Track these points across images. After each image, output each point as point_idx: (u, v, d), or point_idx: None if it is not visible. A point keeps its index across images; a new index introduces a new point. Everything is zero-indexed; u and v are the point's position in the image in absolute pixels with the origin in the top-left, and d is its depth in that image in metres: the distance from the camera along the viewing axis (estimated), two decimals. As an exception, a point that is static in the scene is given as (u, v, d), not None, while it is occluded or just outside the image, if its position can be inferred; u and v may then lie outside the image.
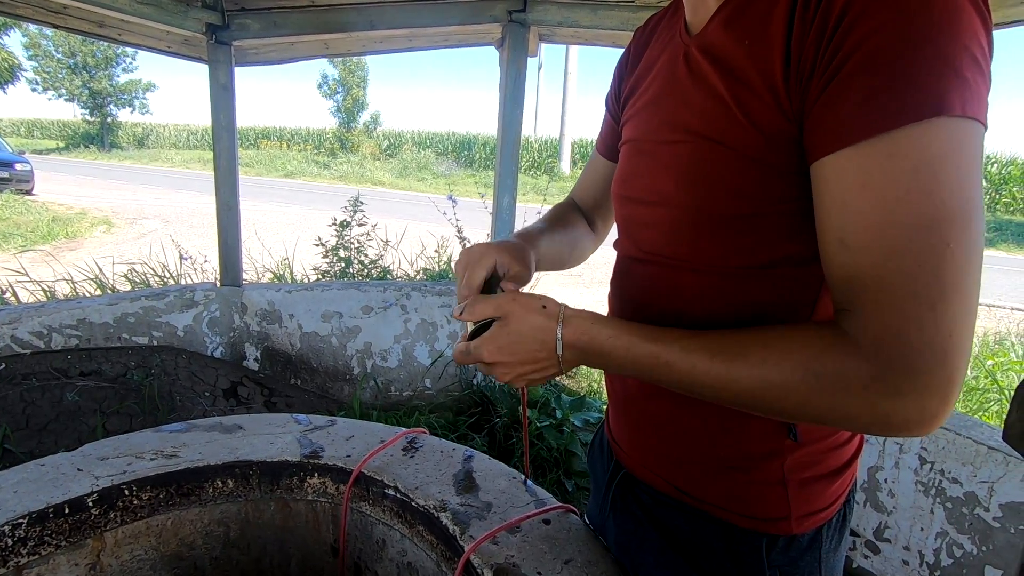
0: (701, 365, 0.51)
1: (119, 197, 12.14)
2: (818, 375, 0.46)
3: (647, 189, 0.64)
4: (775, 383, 0.47)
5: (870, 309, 0.45)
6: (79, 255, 5.80)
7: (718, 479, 0.61)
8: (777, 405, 0.48)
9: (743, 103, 0.52)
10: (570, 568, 0.83)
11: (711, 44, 0.56)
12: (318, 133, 26.41)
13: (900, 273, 0.43)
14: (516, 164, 2.70)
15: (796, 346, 0.48)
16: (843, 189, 0.45)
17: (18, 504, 0.89)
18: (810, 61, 0.47)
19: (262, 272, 3.81)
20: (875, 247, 0.44)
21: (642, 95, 0.68)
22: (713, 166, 0.55)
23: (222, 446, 1.09)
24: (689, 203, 0.57)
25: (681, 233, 0.59)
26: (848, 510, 0.65)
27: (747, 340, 0.50)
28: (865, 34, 0.43)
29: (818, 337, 0.47)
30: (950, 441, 1.58)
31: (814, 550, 0.61)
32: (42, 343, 2.09)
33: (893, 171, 0.43)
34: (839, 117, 0.45)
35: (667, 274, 0.62)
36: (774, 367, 0.47)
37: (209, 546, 1.07)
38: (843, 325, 0.47)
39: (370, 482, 1.04)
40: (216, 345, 2.52)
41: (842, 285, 0.47)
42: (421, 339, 2.80)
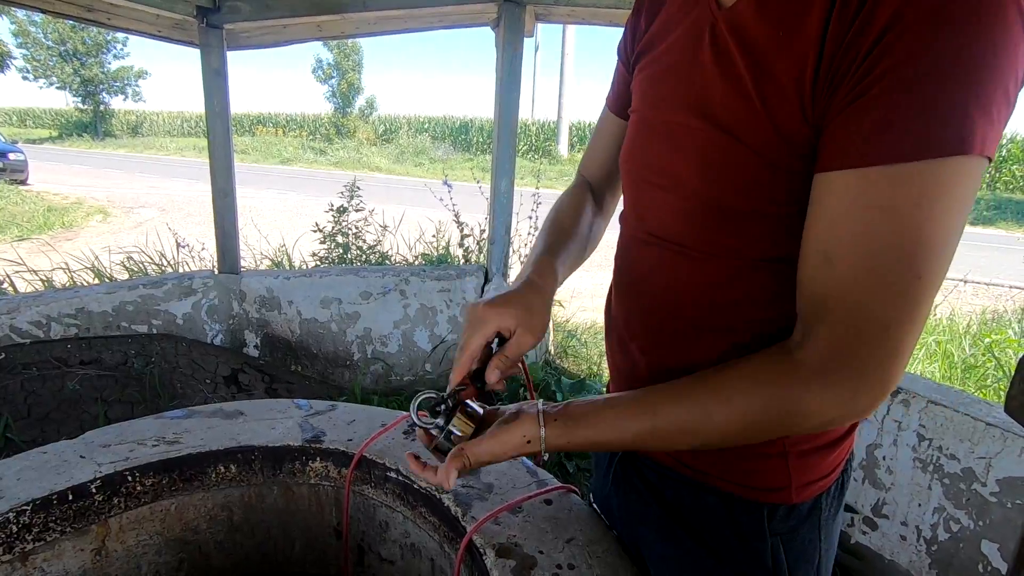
0: (671, 425, 0.55)
1: (114, 186, 12.06)
2: (782, 413, 0.51)
3: (660, 171, 0.62)
4: (744, 426, 0.52)
5: (832, 329, 0.48)
6: (76, 245, 5.78)
7: (720, 452, 0.62)
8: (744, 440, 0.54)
9: (768, 101, 0.50)
10: (572, 547, 0.84)
11: (742, 25, 0.53)
12: (313, 119, 26.19)
13: (871, 298, 0.46)
14: (514, 147, 2.68)
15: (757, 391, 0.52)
16: (842, 207, 0.46)
17: (22, 491, 0.89)
18: (842, 70, 0.45)
19: (260, 259, 3.80)
20: (857, 268, 0.46)
21: (659, 58, 0.64)
22: (728, 160, 0.54)
23: (224, 432, 1.09)
24: (701, 192, 0.57)
25: (690, 220, 0.59)
26: (846, 478, 0.66)
27: (709, 393, 0.54)
28: (905, 56, 0.41)
29: (775, 376, 0.51)
30: (948, 418, 1.59)
31: (813, 518, 0.62)
32: (41, 333, 2.09)
33: (896, 200, 0.43)
34: (857, 136, 0.44)
35: (671, 258, 0.61)
36: (739, 416, 0.52)
37: (213, 530, 1.08)
38: (799, 340, 0.51)
39: (372, 465, 1.04)
40: (216, 332, 2.52)
41: (813, 299, 0.49)
42: (421, 324, 2.80)
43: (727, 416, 0.52)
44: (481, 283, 2.83)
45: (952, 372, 2.52)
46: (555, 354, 3.40)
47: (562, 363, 3.36)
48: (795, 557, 0.62)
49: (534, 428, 0.60)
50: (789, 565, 0.62)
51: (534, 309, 0.65)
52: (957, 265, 3.29)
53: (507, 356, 0.64)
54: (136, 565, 1.01)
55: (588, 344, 3.62)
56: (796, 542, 0.62)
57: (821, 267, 0.48)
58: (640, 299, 0.66)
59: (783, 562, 0.61)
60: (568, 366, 3.34)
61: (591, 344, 3.66)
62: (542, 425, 0.59)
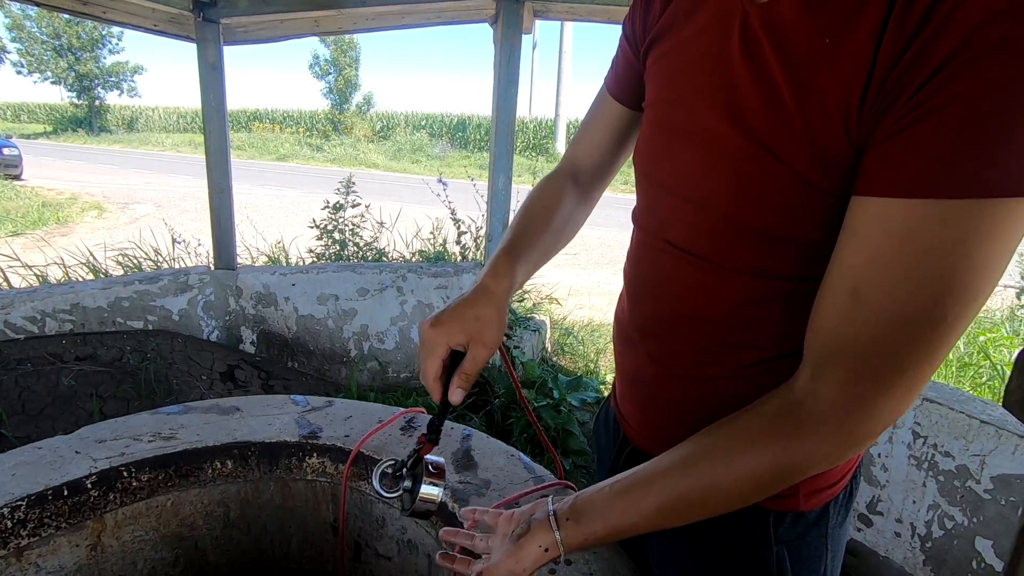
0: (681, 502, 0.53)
1: (110, 182, 12.00)
2: (792, 467, 0.49)
3: (683, 182, 0.58)
4: (754, 488, 0.51)
5: (846, 372, 0.46)
6: (71, 240, 5.75)
7: None
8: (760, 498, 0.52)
9: (807, 116, 0.46)
10: (569, 543, 0.84)
11: (781, 25, 0.48)
12: (310, 115, 26.09)
13: (893, 338, 0.44)
14: (511, 144, 2.67)
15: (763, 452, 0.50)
16: (880, 237, 0.43)
17: (16, 487, 0.89)
18: (896, 91, 0.41)
19: (256, 255, 3.79)
20: (886, 309, 0.43)
21: (679, 48, 0.58)
22: (766, 180, 0.50)
23: (220, 428, 1.09)
24: (733, 213, 0.53)
25: (717, 237, 0.56)
26: (855, 486, 0.65)
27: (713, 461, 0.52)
28: (973, 88, 0.38)
29: (780, 432, 0.50)
30: (943, 416, 1.60)
31: (821, 526, 0.61)
32: (36, 328, 2.08)
33: (939, 238, 0.41)
34: (909, 164, 0.41)
35: (692, 270, 0.59)
36: (748, 480, 0.51)
37: (210, 526, 1.07)
38: (806, 384, 0.49)
39: (369, 461, 1.04)
40: (212, 329, 2.51)
41: (830, 337, 0.47)
42: (418, 321, 2.80)
43: (735, 480, 0.51)
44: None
45: (947, 370, 2.53)
46: (552, 351, 3.40)
47: (559, 360, 3.36)
48: (800, 565, 0.61)
49: (549, 535, 0.58)
50: (794, 573, 0.61)
51: (483, 318, 0.63)
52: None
53: (465, 374, 0.63)
54: (132, 561, 1.01)
55: (585, 342, 3.62)
56: (802, 550, 0.61)
57: (846, 303, 0.45)
58: (655, 305, 0.63)
59: (788, 570, 0.61)
60: (565, 363, 3.34)
61: (588, 342, 3.66)
62: (556, 529, 0.58)
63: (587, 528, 0.57)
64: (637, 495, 0.55)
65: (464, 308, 0.63)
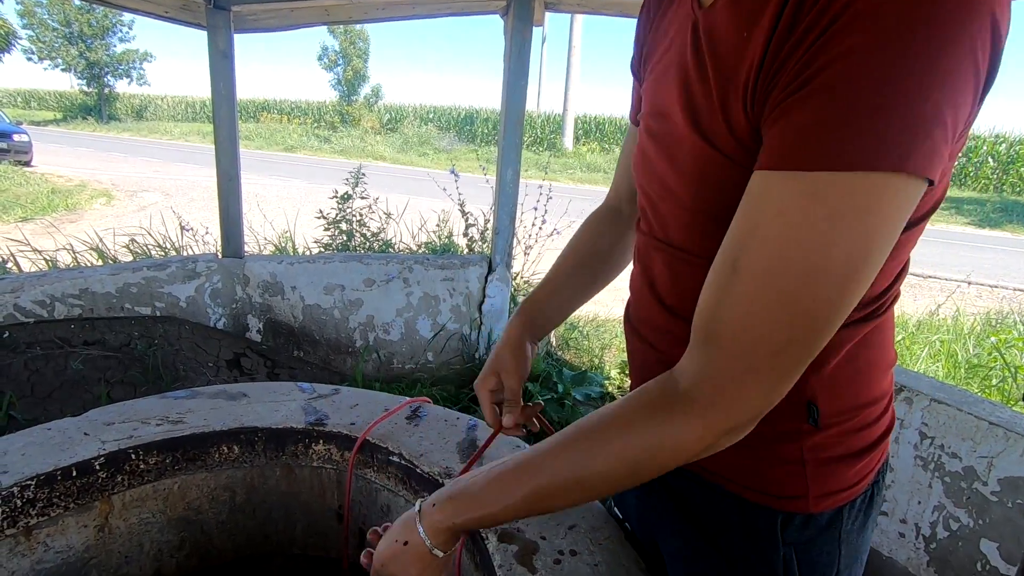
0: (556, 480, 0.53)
1: (118, 169, 12.05)
2: (661, 449, 0.49)
3: (655, 180, 0.61)
4: (627, 467, 0.50)
5: (718, 352, 0.46)
6: (79, 227, 5.78)
7: (735, 454, 0.59)
8: (635, 481, 0.52)
9: (726, 105, 0.48)
10: (574, 533, 0.84)
11: (714, 27, 0.51)
12: (318, 106, 26.09)
13: (767, 318, 0.43)
14: (520, 137, 2.66)
15: (633, 431, 0.50)
16: (759, 210, 0.43)
17: (26, 467, 0.90)
18: (783, 67, 0.42)
19: (264, 244, 3.80)
20: (759, 283, 0.43)
21: (657, 62, 0.63)
22: (707, 167, 0.52)
23: (227, 413, 1.09)
24: (695, 205, 0.55)
25: (690, 229, 0.57)
26: (876, 491, 0.63)
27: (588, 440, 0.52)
28: (841, 53, 0.38)
29: (651, 412, 0.49)
30: (952, 417, 1.59)
31: (833, 530, 0.59)
32: (45, 312, 2.09)
33: (808, 213, 0.40)
34: (780, 137, 0.42)
35: (678, 263, 0.60)
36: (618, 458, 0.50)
37: (216, 510, 1.08)
38: (684, 365, 0.49)
39: (375, 449, 1.04)
40: (219, 316, 2.52)
41: (707, 314, 0.47)
42: (423, 312, 2.80)
43: (607, 460, 0.50)
44: (484, 273, 2.83)
45: (956, 372, 2.50)
46: (557, 346, 3.40)
47: (564, 355, 3.36)
48: (809, 569, 0.59)
49: (410, 529, 0.59)
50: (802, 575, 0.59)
51: (501, 358, 0.80)
52: (960, 266, 3.32)
53: (506, 400, 0.79)
54: (138, 543, 1.01)
55: (590, 336, 3.61)
56: (812, 553, 0.59)
57: (726, 276, 0.45)
58: (651, 297, 0.65)
59: (795, 572, 0.59)
60: (570, 358, 3.34)
61: (592, 337, 3.66)
62: (418, 521, 0.58)
63: (452, 511, 0.57)
64: (511, 478, 0.55)
65: (491, 360, 0.81)
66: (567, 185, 10.66)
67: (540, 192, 3.64)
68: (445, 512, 0.57)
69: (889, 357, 0.60)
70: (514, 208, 2.73)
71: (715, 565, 0.63)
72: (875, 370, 0.58)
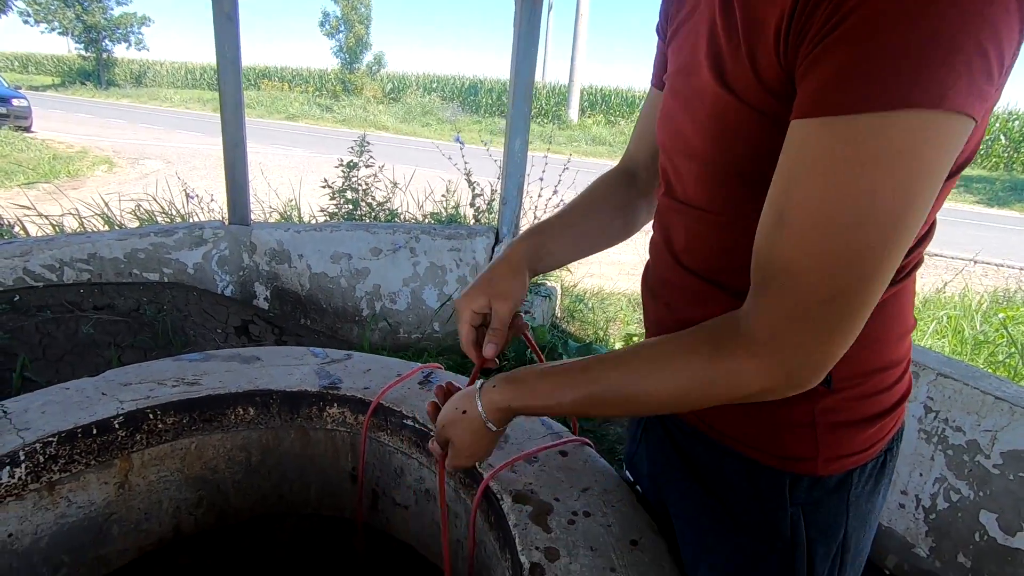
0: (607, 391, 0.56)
1: (119, 136, 11.93)
2: (712, 382, 0.50)
3: (678, 139, 0.60)
4: (675, 392, 0.53)
5: (774, 299, 0.46)
6: (82, 194, 5.75)
7: (745, 416, 0.61)
8: (680, 407, 0.55)
9: (753, 48, 0.47)
10: (587, 496, 0.86)
11: None
12: (320, 74, 25.66)
13: (816, 266, 0.43)
14: (529, 105, 2.62)
15: (689, 360, 0.52)
16: (799, 161, 0.43)
17: (46, 424, 0.91)
18: (813, 10, 0.41)
19: (269, 213, 3.78)
20: (805, 232, 0.43)
21: (684, 19, 0.62)
22: (727, 119, 0.51)
23: (241, 375, 1.10)
24: (716, 158, 0.55)
25: (709, 186, 0.57)
26: (889, 457, 0.63)
27: (646, 360, 0.55)
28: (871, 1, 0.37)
29: (711, 346, 0.51)
30: (957, 391, 1.60)
31: (841, 492, 0.60)
32: (54, 276, 2.09)
33: (848, 159, 0.40)
34: (815, 84, 0.41)
35: (696, 222, 0.60)
36: (669, 382, 0.53)
37: (232, 470, 1.10)
38: (746, 309, 0.49)
39: (388, 413, 1.06)
40: (226, 284, 2.52)
41: (762, 264, 0.47)
42: (430, 282, 2.80)
43: (658, 382, 0.53)
44: (491, 244, 2.82)
45: (962, 348, 2.51)
46: (562, 318, 3.41)
47: (568, 327, 3.37)
48: (816, 530, 0.60)
49: (469, 399, 0.65)
50: (808, 537, 0.60)
51: (496, 278, 0.72)
52: (967, 245, 3.29)
53: (492, 328, 0.72)
54: (157, 500, 1.04)
55: (595, 309, 3.62)
56: (819, 515, 0.60)
57: (773, 228, 0.45)
58: (669, 258, 0.65)
59: (802, 533, 0.60)
60: (574, 330, 3.35)
61: (598, 309, 3.66)
62: (477, 393, 0.64)
63: (511, 395, 0.62)
64: (569, 378, 0.59)
65: (481, 276, 0.74)
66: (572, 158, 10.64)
67: (546, 162, 3.60)
68: (503, 394, 0.62)
69: (907, 323, 0.60)
70: (522, 178, 2.71)
71: (722, 525, 0.64)
72: (891, 335, 0.58)
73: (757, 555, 0.62)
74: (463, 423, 0.66)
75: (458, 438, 0.67)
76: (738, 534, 0.63)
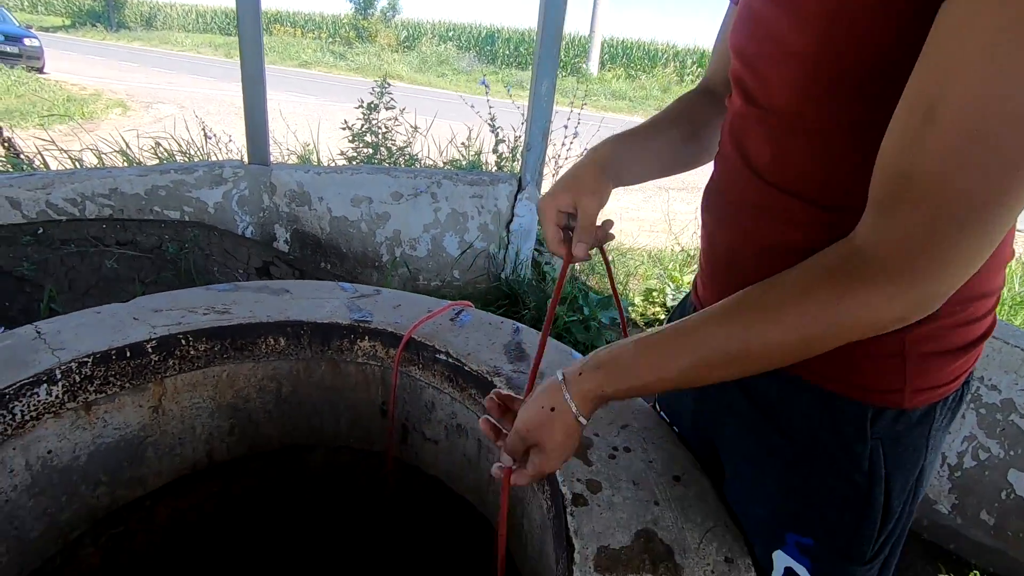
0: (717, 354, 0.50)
1: (131, 79, 11.76)
2: (842, 321, 0.45)
3: (765, 39, 0.54)
4: (800, 342, 0.47)
5: (915, 208, 0.41)
6: (97, 136, 5.71)
7: None
8: (804, 356, 0.49)
9: None
10: (627, 432, 0.84)
11: None
12: (333, 20, 24.94)
13: (970, 169, 0.38)
14: (558, 45, 2.51)
15: (811, 300, 0.46)
16: (959, 47, 0.37)
17: (80, 344, 0.90)
18: None
19: (287, 156, 3.73)
20: (963, 130, 0.38)
21: None
22: (845, 12, 0.46)
23: (271, 306, 1.09)
24: (809, 54, 0.49)
25: (801, 88, 0.51)
26: (966, 391, 0.60)
27: (757, 310, 0.49)
28: None
29: (832, 280, 0.45)
30: (996, 349, 1.56)
31: (923, 426, 0.57)
32: (76, 211, 2.08)
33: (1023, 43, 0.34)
34: None
35: (784, 133, 0.54)
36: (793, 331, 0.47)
37: (263, 400, 1.10)
38: (867, 230, 0.44)
39: (420, 347, 1.04)
40: (246, 225, 2.50)
41: (897, 171, 0.42)
42: (451, 229, 2.76)
43: (780, 333, 0.47)
44: (514, 191, 2.76)
45: (1001, 309, 2.44)
46: (581, 271, 3.37)
47: (588, 281, 3.34)
48: (896, 464, 0.57)
49: (556, 394, 0.57)
50: (887, 471, 0.57)
51: (581, 175, 0.68)
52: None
53: (581, 226, 0.67)
54: (191, 426, 1.04)
55: (615, 263, 3.58)
56: (900, 448, 0.57)
57: (918, 127, 0.40)
58: (747, 175, 0.59)
59: (881, 467, 0.57)
60: (594, 284, 3.32)
61: (618, 263, 3.62)
62: (564, 387, 0.57)
63: (603, 380, 0.55)
64: (668, 347, 0.52)
65: (564, 176, 0.70)
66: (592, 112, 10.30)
67: (572, 116, 3.48)
68: (594, 381, 0.56)
69: (1008, 252, 0.55)
70: (547, 123, 2.62)
71: (787, 460, 0.61)
72: (995, 261, 0.54)
73: (829, 491, 0.59)
74: (554, 423, 0.58)
75: (550, 440, 0.58)
76: (807, 470, 0.60)
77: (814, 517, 0.60)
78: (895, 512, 0.58)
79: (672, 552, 0.64)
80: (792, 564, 0.62)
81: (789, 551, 0.62)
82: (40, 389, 0.84)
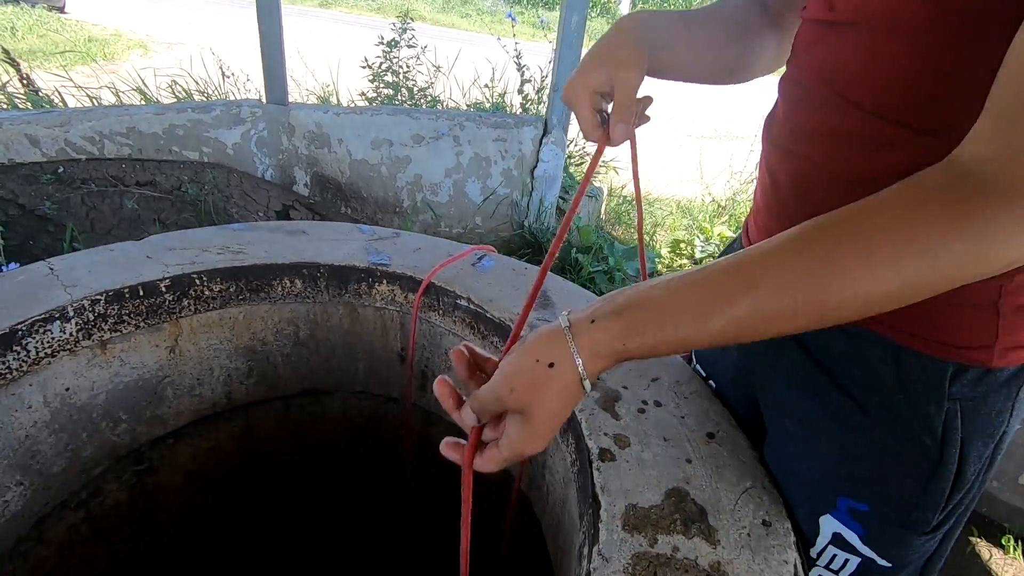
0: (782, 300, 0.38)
1: (151, 17, 11.55)
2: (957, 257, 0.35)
3: None
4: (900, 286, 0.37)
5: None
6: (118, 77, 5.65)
7: None
8: (893, 306, 0.38)
9: None
10: (657, 385, 0.79)
11: None
12: (353, -45, 23.96)
13: None
14: (590, -26, 2.33)
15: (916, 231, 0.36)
16: None
17: (93, 282, 0.88)
18: None
19: (306, 96, 3.63)
20: None
21: None
22: None
23: (287, 247, 1.05)
24: None
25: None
26: None
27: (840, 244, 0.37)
28: None
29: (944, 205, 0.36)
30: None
31: (1010, 388, 0.50)
32: (95, 149, 2.05)
33: None
34: None
35: (880, 44, 0.46)
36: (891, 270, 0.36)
37: (280, 343, 1.08)
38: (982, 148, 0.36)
39: (441, 292, 1.00)
40: (266, 167, 2.45)
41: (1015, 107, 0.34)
42: (473, 175, 2.68)
43: (869, 272, 0.36)
44: (539, 136, 2.64)
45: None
46: (607, 219, 3.28)
47: (613, 231, 3.25)
48: (974, 429, 0.50)
49: (559, 345, 0.41)
50: (964, 437, 0.50)
51: (617, 45, 0.56)
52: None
53: (618, 104, 0.55)
54: (208, 367, 1.02)
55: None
56: (980, 411, 0.50)
57: None
58: (828, 95, 0.50)
59: (957, 432, 0.50)
60: (619, 234, 3.22)
61: (645, 212, 3.50)
62: (569, 337, 0.41)
63: (623, 330, 0.40)
64: (714, 290, 0.39)
65: (595, 49, 0.57)
66: (621, 54, 9.79)
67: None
68: (611, 331, 0.40)
69: None
70: (577, 61, 2.47)
71: (852, 422, 0.55)
72: None
73: (894, 455, 0.53)
74: (551, 383, 0.42)
75: (541, 407, 0.42)
76: (869, 431, 0.54)
77: (873, 482, 0.54)
78: (967, 481, 0.52)
79: (705, 513, 0.60)
80: (841, 530, 0.57)
81: (839, 516, 0.57)
82: (53, 326, 0.82)
